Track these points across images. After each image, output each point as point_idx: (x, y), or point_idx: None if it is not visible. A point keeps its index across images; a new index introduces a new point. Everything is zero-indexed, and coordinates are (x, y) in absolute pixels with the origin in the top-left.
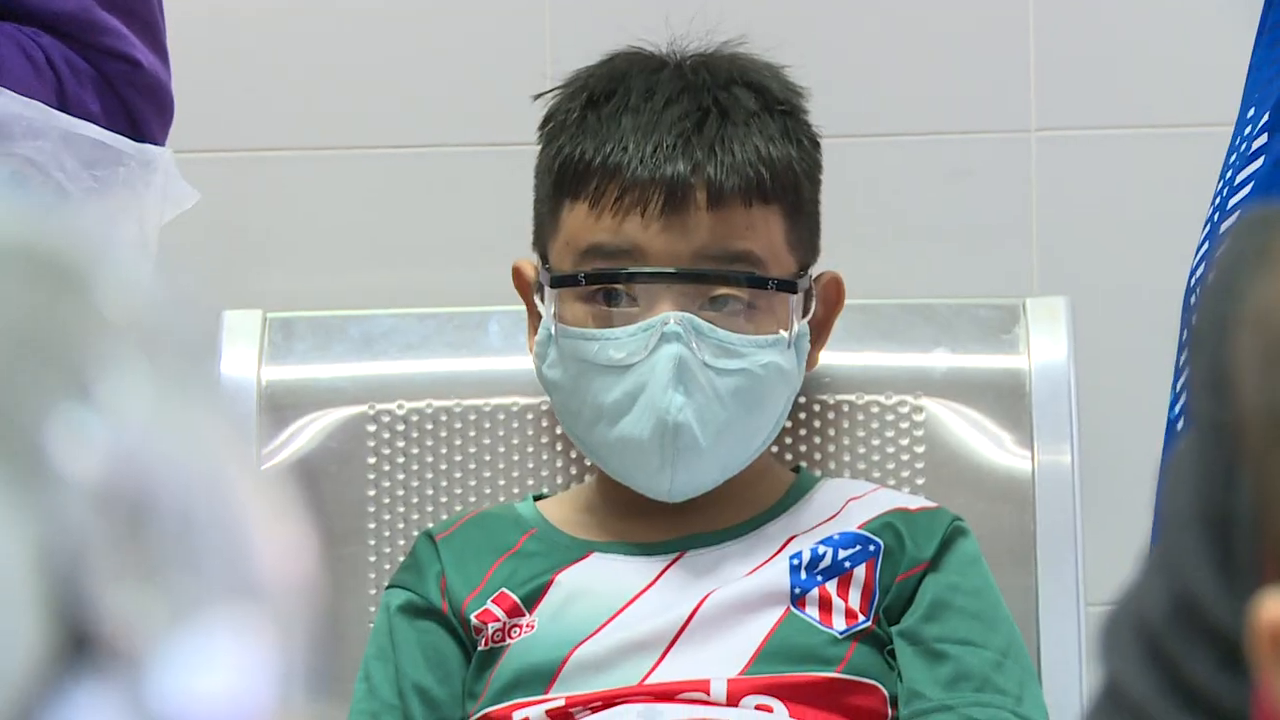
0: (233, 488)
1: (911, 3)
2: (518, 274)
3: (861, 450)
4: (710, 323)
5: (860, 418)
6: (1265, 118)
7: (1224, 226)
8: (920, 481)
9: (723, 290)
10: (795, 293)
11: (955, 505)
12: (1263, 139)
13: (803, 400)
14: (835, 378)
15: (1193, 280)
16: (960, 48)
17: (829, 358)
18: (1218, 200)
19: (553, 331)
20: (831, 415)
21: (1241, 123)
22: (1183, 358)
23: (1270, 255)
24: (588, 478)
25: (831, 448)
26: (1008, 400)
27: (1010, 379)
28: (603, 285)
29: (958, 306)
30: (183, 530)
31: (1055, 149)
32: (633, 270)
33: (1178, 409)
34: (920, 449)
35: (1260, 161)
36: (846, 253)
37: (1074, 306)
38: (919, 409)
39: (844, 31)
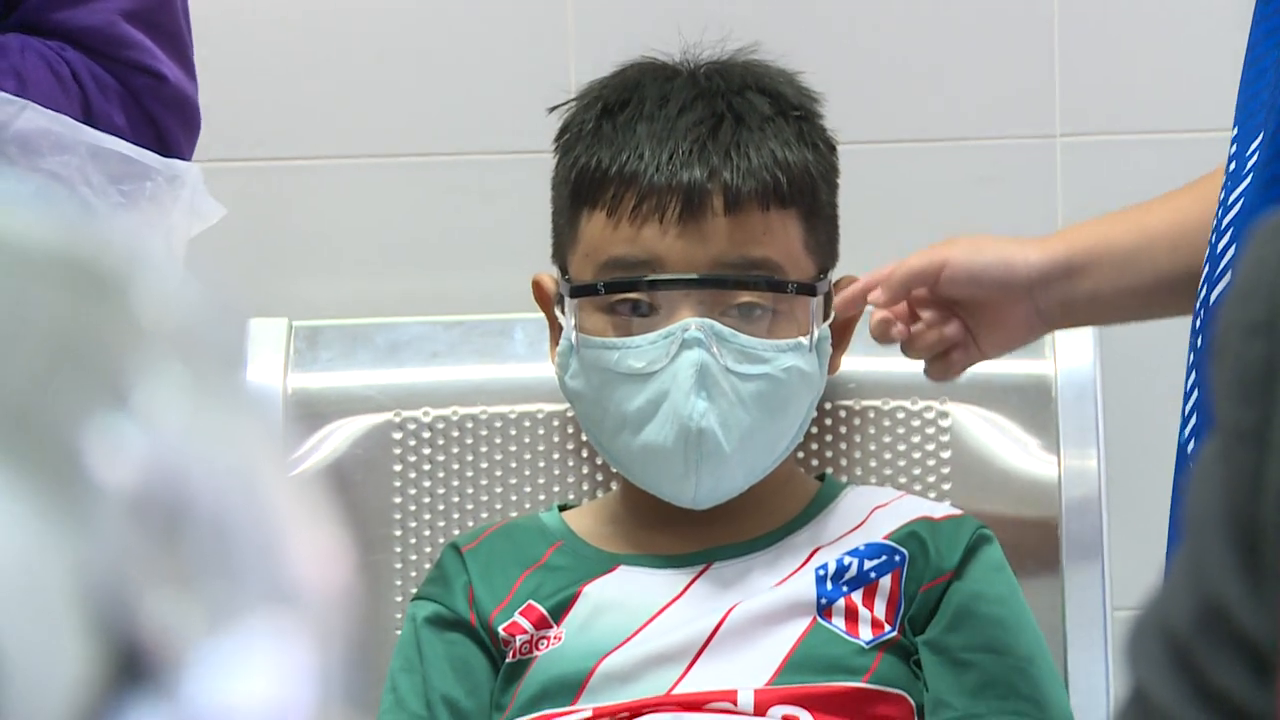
0: (269, 494)
1: (936, 8)
2: (537, 287)
3: (887, 456)
4: (731, 328)
5: (886, 423)
6: (1258, 139)
7: (1219, 246)
8: (946, 487)
9: (743, 297)
10: (815, 295)
11: (981, 511)
12: (1254, 159)
13: (828, 406)
14: (861, 383)
15: (1197, 304)
16: (985, 53)
17: (854, 363)
18: (1215, 224)
19: (574, 342)
20: (857, 421)
21: (1235, 143)
22: (1190, 380)
23: None
24: (613, 485)
25: (857, 453)
26: (1034, 405)
27: (1036, 384)
28: (622, 295)
29: None
30: (219, 537)
31: (1080, 154)
32: (652, 279)
33: (1188, 431)
34: (946, 454)
35: (1250, 179)
36: (871, 259)
37: None
38: (944, 414)
39: (869, 38)
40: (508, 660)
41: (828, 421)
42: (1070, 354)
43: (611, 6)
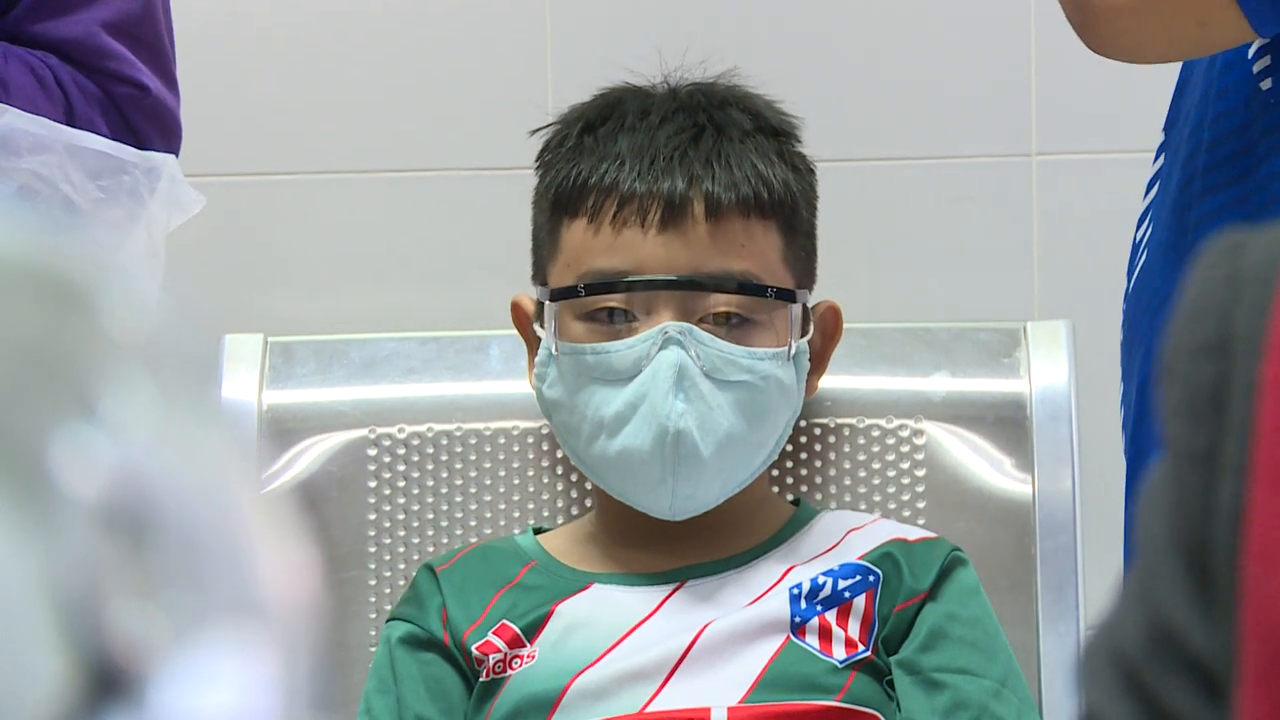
0: (235, 506)
1: (914, 27)
2: (516, 309)
3: (862, 474)
4: (710, 334)
5: (861, 441)
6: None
7: (1142, 237)
8: (920, 505)
9: (721, 306)
10: (794, 302)
11: (955, 530)
12: (1158, 162)
13: (803, 424)
14: (836, 401)
15: (1125, 303)
16: (962, 73)
17: (829, 381)
18: (1132, 247)
19: (554, 350)
20: (832, 439)
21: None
22: (1131, 389)
23: (1243, 280)
24: (588, 502)
25: (832, 471)
26: (1008, 424)
27: (1011, 403)
28: (601, 295)
29: (958, 330)
30: (186, 548)
31: (1056, 173)
32: (632, 279)
33: (1128, 438)
34: (920, 473)
35: (1155, 191)
36: (848, 277)
37: (1075, 330)
38: (919, 433)
39: (845, 56)
40: (481, 679)
41: (802, 439)
42: (1045, 373)
43: (590, 23)
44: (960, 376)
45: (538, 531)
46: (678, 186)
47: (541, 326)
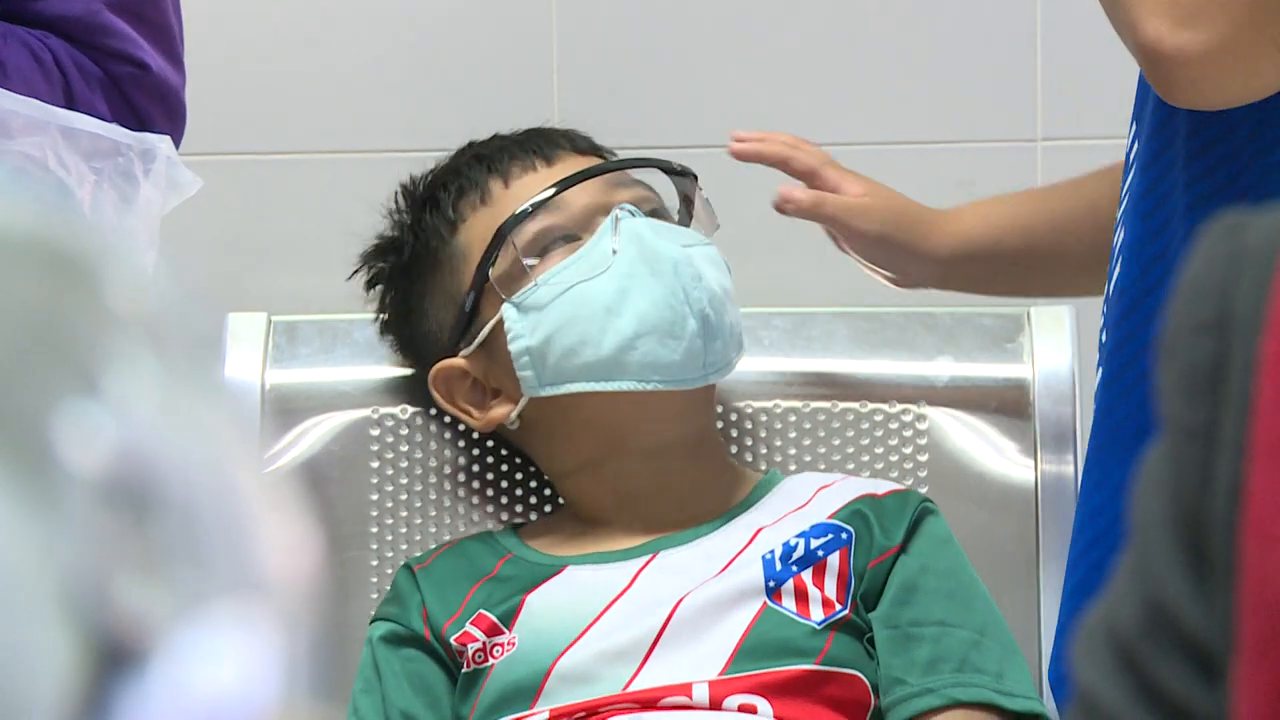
0: (238, 482)
1: (918, 12)
2: (443, 375)
3: (865, 459)
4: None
5: (864, 425)
6: (1132, 128)
7: (1116, 242)
8: (923, 489)
9: (639, 192)
10: (697, 184)
11: (958, 515)
12: (1134, 148)
13: (805, 408)
14: (838, 385)
15: (1105, 308)
16: (966, 57)
17: (832, 364)
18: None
19: (519, 303)
20: (835, 424)
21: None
22: (1101, 373)
23: (1243, 259)
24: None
25: (835, 456)
26: (1011, 409)
27: (1014, 388)
28: (541, 213)
29: (961, 315)
30: (188, 525)
31: (1061, 159)
32: (565, 179)
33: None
34: (923, 457)
35: (1134, 171)
36: (851, 260)
37: (1078, 316)
38: (922, 417)
39: (851, 41)
40: (464, 671)
41: (805, 425)
42: (1048, 358)
43: (596, 2)
44: (964, 361)
45: (517, 529)
46: (540, 144)
47: (474, 331)
